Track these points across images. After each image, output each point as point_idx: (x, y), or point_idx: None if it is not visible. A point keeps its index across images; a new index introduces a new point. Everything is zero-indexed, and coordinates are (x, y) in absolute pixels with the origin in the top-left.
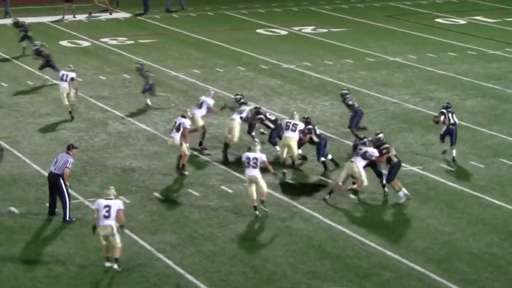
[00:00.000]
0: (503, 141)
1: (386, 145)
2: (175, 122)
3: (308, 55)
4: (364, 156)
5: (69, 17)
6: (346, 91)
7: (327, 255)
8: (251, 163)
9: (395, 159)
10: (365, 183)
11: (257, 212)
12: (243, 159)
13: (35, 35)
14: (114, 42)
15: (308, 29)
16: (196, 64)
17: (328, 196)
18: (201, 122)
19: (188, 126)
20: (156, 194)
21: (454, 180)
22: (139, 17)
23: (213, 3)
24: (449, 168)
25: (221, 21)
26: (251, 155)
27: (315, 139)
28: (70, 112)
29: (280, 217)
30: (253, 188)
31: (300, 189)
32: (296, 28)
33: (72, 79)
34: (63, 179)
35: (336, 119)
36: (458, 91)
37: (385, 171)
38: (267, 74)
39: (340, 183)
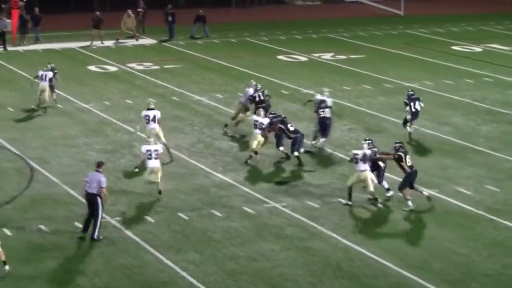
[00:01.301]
0: None
1: (399, 151)
2: (148, 116)
3: (327, 81)
4: (364, 159)
5: (97, 43)
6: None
7: (345, 275)
8: (152, 155)
9: (408, 169)
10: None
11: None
12: (143, 150)
13: (64, 60)
14: (140, 67)
15: (328, 56)
16: (219, 88)
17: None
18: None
19: (159, 115)
20: (180, 214)
21: (470, 203)
22: (164, 43)
23: (236, 30)
24: (465, 191)
25: (243, 47)
26: (152, 147)
27: (291, 135)
28: (44, 107)
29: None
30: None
31: (318, 210)
32: (316, 55)
33: (50, 79)
34: (100, 197)
35: (354, 143)
36: (474, 117)
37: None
38: (287, 98)
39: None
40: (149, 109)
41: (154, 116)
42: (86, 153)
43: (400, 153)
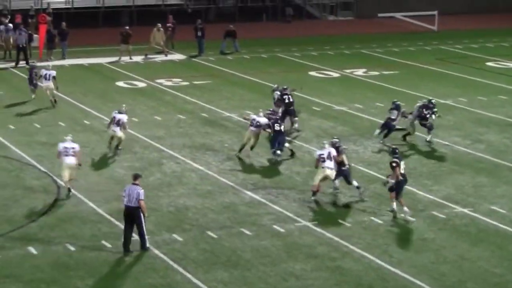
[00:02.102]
0: None
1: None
2: (114, 117)
3: (359, 97)
4: (330, 157)
5: (125, 58)
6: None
7: None
8: (69, 152)
9: (400, 177)
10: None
11: None
12: (60, 147)
13: (92, 76)
14: (169, 83)
15: (360, 72)
16: (249, 105)
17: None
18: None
19: (126, 121)
20: (209, 232)
21: (505, 222)
22: (193, 59)
23: (266, 46)
24: (500, 210)
25: (274, 63)
26: (69, 144)
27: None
28: (52, 101)
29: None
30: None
31: (350, 229)
32: (348, 71)
33: (54, 77)
34: (141, 211)
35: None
36: (509, 134)
37: None
38: (319, 115)
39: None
40: (119, 112)
41: (119, 120)
42: (114, 170)
43: (396, 160)
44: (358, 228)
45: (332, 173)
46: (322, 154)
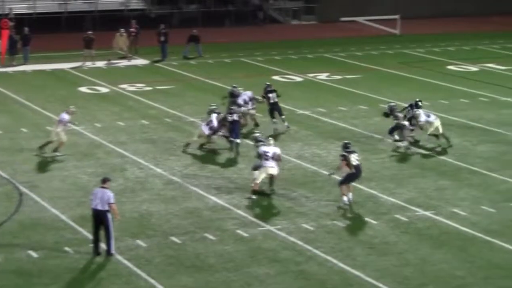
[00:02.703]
0: None
1: (344, 152)
2: (63, 119)
3: (322, 101)
4: (273, 157)
5: (88, 63)
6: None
7: None
8: None
9: (352, 169)
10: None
11: None
12: None
13: (54, 81)
14: (132, 88)
15: (323, 76)
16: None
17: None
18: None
19: (65, 119)
20: (173, 238)
21: (466, 225)
22: (157, 64)
23: (230, 50)
24: (461, 212)
25: (238, 67)
26: None
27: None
28: None
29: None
30: None
31: (314, 232)
32: (311, 75)
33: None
34: (110, 215)
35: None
36: (470, 137)
37: None
38: (287, 118)
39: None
40: (66, 112)
41: (60, 120)
42: (77, 177)
43: (345, 154)
44: (322, 232)
45: (274, 171)
46: (267, 152)
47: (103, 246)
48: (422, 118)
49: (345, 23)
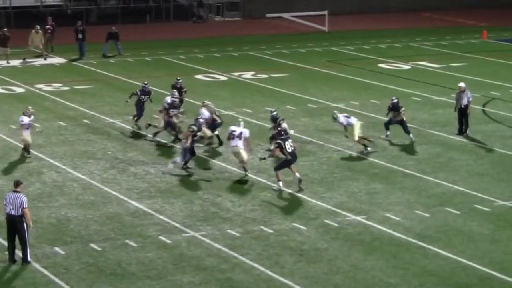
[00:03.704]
0: (448, 189)
1: (278, 140)
2: (22, 121)
3: (248, 101)
4: (240, 137)
5: (2, 62)
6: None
7: None
8: None
9: (288, 155)
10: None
11: None
12: None
13: None
14: (49, 88)
15: (248, 75)
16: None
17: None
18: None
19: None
20: (92, 245)
21: (399, 230)
22: (74, 63)
23: (151, 48)
24: (394, 217)
25: (159, 66)
26: None
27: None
28: None
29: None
30: None
31: (239, 239)
32: (236, 74)
33: None
34: (25, 220)
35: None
36: (403, 138)
37: None
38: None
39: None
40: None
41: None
42: None
43: (279, 141)
44: (248, 238)
45: (239, 150)
46: (234, 131)
47: (19, 253)
48: (342, 120)
49: (271, 20)
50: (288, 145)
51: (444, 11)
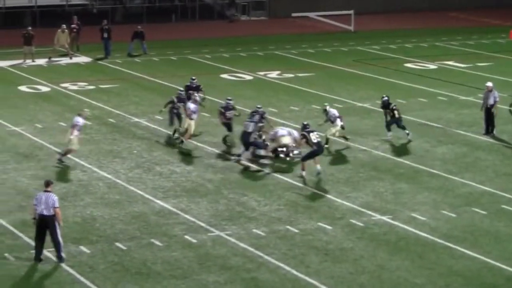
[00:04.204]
0: (475, 189)
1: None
2: (77, 122)
3: (273, 101)
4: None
5: (28, 61)
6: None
7: None
8: None
9: (314, 146)
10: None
11: None
12: None
13: None
14: (74, 87)
15: (274, 74)
16: (159, 109)
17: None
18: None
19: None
20: (118, 244)
21: (425, 230)
22: (100, 62)
23: (176, 47)
24: (420, 217)
25: (184, 65)
26: None
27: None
28: None
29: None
30: None
31: (265, 238)
32: (261, 73)
33: None
34: (56, 219)
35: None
36: (429, 138)
37: None
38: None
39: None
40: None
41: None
42: (16, 180)
43: (304, 133)
44: (273, 238)
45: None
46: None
47: (45, 253)
48: (332, 113)
49: (296, 19)
50: (314, 137)
51: (469, 11)
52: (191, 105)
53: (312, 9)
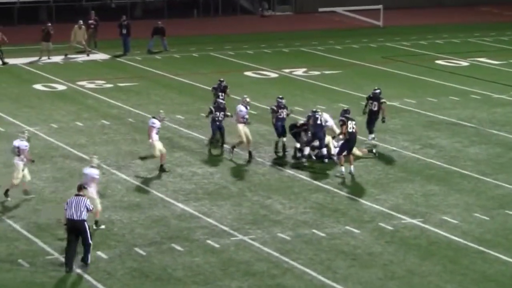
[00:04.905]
0: (509, 191)
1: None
2: (153, 124)
3: (299, 99)
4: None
5: (44, 58)
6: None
7: None
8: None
9: (347, 135)
10: None
11: None
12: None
13: (7, 78)
14: (91, 85)
15: (300, 71)
16: (180, 109)
17: None
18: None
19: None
20: (137, 249)
21: (457, 234)
22: (118, 59)
23: (198, 44)
24: (452, 220)
25: (207, 62)
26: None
27: None
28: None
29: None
30: None
31: (290, 243)
32: (287, 70)
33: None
34: (86, 223)
35: (331, 168)
36: (461, 138)
37: None
38: (256, 119)
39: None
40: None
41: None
42: (32, 182)
43: (343, 118)
44: (299, 242)
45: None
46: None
47: (60, 258)
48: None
49: (323, 14)
50: (351, 125)
51: (502, 5)
52: (243, 109)
53: (339, 4)
